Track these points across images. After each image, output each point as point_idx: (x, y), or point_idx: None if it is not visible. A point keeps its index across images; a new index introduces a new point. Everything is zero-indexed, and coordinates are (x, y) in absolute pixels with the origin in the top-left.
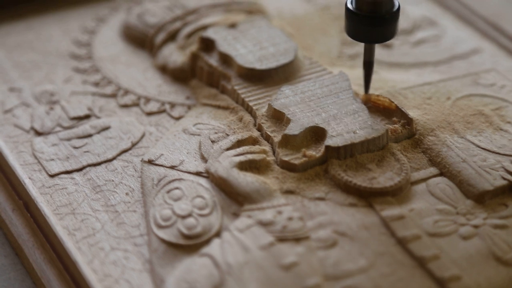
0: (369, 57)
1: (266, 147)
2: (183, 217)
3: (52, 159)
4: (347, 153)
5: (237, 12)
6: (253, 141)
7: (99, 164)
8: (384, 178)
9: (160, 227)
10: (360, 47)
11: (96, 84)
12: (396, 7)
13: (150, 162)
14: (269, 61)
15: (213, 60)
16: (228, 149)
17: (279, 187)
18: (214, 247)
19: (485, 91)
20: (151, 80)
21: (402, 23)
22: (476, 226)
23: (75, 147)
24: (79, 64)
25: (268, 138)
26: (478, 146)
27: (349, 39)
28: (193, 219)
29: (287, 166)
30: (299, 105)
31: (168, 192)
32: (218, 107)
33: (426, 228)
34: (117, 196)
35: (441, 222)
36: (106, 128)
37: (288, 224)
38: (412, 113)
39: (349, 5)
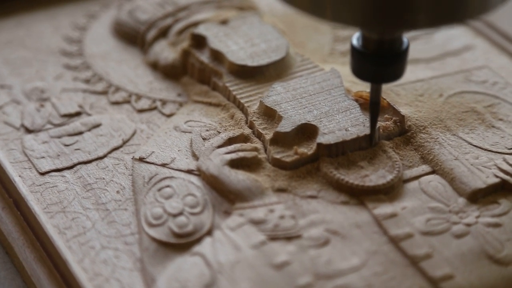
0: (376, 97)
1: (258, 144)
2: (174, 215)
3: (43, 157)
4: (339, 151)
5: (229, 9)
6: (244, 139)
7: (90, 162)
8: (376, 176)
9: (151, 225)
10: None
11: (87, 81)
12: (405, 45)
13: (141, 159)
14: (261, 58)
15: (204, 57)
16: (219, 146)
17: (270, 185)
18: (205, 246)
19: (478, 88)
20: (142, 77)
21: None
22: (468, 225)
23: (65, 145)
24: (70, 61)
25: (259, 136)
26: (471, 144)
27: (341, 36)
28: (184, 218)
29: (278, 164)
30: (291, 102)
31: (159, 190)
32: (210, 104)
33: (419, 226)
34: (108, 194)
35: (433, 220)
36: (97, 126)
37: (280, 222)
38: (404, 110)
39: (355, 43)
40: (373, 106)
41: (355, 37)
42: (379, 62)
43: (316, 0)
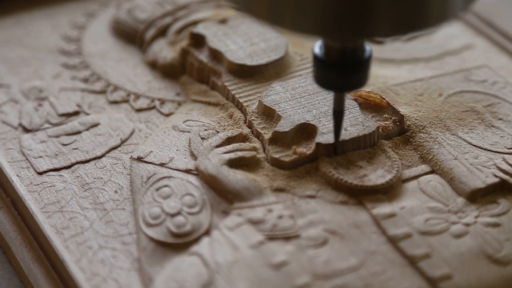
0: (340, 106)
1: (256, 144)
2: (172, 215)
3: (41, 156)
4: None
5: (228, 8)
6: (243, 138)
7: (88, 161)
8: (375, 175)
9: (149, 225)
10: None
11: (86, 80)
12: (368, 53)
13: (140, 159)
14: (260, 57)
15: (203, 56)
16: (218, 146)
17: (269, 185)
18: (203, 246)
19: (477, 88)
20: (141, 76)
21: None
22: (467, 224)
23: (63, 144)
24: (68, 60)
25: (258, 135)
26: (470, 143)
27: None
28: (182, 217)
29: (277, 164)
30: (290, 101)
31: (157, 190)
32: (208, 103)
33: (417, 226)
34: (105, 194)
35: (432, 220)
36: (95, 125)
37: (278, 222)
38: (403, 110)
39: (317, 51)
40: (337, 115)
41: (317, 46)
42: (341, 71)
43: (274, 9)
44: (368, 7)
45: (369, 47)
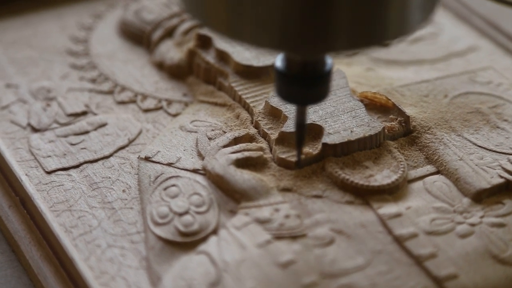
0: (302, 119)
1: (263, 144)
2: (180, 214)
3: (49, 156)
4: (344, 151)
5: None
6: (250, 138)
7: (96, 161)
8: (381, 176)
9: (157, 224)
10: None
11: (93, 81)
12: (329, 66)
13: (147, 159)
14: (266, 58)
15: (210, 57)
16: (225, 146)
17: (276, 185)
18: (211, 245)
19: (482, 89)
20: (148, 77)
21: None
22: (473, 225)
23: (72, 144)
24: (76, 61)
25: (265, 136)
26: (475, 144)
27: None
28: (190, 217)
29: (284, 164)
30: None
31: (165, 189)
32: (215, 104)
33: (423, 226)
34: (114, 193)
35: (438, 220)
36: (103, 125)
37: (285, 221)
38: (409, 111)
39: (278, 64)
40: (299, 128)
41: (279, 59)
42: (303, 84)
43: (233, 24)
44: (327, 23)
45: (330, 60)
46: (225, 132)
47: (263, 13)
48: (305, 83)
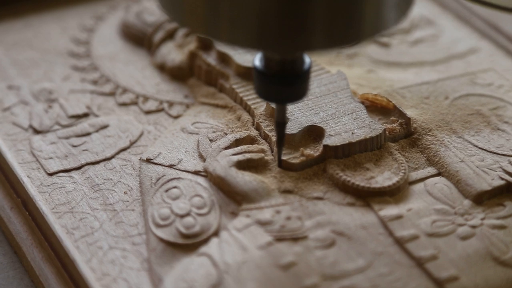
0: (282, 118)
1: (264, 146)
2: (182, 216)
3: (51, 158)
4: (345, 153)
5: None
6: (251, 140)
7: (97, 162)
8: (382, 177)
9: (158, 226)
10: (359, 46)
11: (95, 82)
12: (307, 64)
13: (149, 160)
14: None
15: (211, 59)
16: (226, 148)
17: (277, 187)
18: (212, 247)
19: (483, 91)
20: (149, 78)
21: None
22: (474, 226)
23: (73, 146)
24: (77, 62)
25: (266, 137)
26: (476, 146)
27: None
28: (192, 218)
29: (285, 165)
30: (297, 104)
31: (166, 191)
32: (217, 106)
33: (424, 228)
34: (115, 194)
35: (439, 222)
36: (105, 127)
37: (286, 223)
38: (410, 113)
39: (257, 64)
40: (279, 127)
41: (257, 58)
42: (282, 82)
43: (210, 23)
44: (303, 21)
45: (308, 59)
46: (226, 134)
47: (240, 12)
48: (283, 81)
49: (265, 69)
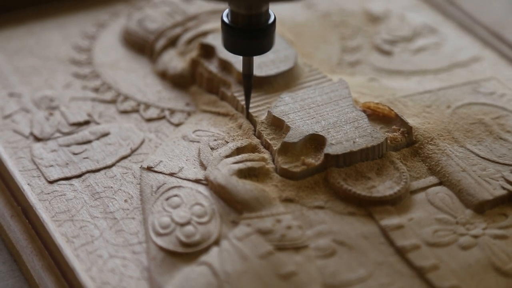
0: (248, 70)
1: (266, 154)
2: (182, 224)
3: (51, 165)
4: (347, 161)
5: None
6: (252, 149)
7: (98, 170)
8: (383, 187)
9: (158, 234)
10: (361, 54)
11: (96, 90)
12: (272, 19)
13: (149, 169)
14: (269, 68)
15: (213, 67)
16: (227, 156)
17: (278, 195)
18: (212, 256)
19: (485, 100)
20: (151, 86)
21: (403, 30)
22: (475, 236)
23: (74, 153)
24: (79, 70)
25: (267, 146)
26: (478, 155)
27: (350, 46)
28: (192, 227)
29: (286, 174)
30: (299, 112)
31: (167, 199)
32: (218, 114)
33: (426, 237)
34: (116, 203)
35: (440, 232)
36: (106, 134)
37: (287, 232)
38: (411, 121)
39: (225, 19)
40: (246, 79)
41: (225, 13)
42: (248, 35)
43: None
44: None
45: (273, 14)
46: (227, 142)
47: None
48: (250, 35)
49: (233, 23)
